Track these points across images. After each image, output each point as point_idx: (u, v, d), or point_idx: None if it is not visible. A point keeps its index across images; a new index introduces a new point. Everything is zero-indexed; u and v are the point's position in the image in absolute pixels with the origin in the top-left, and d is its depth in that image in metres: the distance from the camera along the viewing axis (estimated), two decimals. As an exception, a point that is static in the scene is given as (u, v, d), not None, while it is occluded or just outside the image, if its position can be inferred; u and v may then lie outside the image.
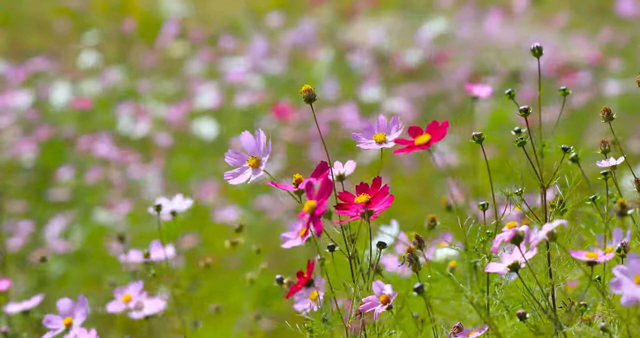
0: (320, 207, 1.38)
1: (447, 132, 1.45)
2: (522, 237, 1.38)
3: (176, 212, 1.90)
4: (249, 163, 1.50)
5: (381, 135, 1.51)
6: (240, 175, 1.51)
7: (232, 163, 1.51)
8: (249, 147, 1.50)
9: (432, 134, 1.45)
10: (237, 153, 1.51)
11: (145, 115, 5.73)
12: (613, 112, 1.58)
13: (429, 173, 4.82)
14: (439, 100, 5.83)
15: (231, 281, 3.44)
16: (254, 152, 1.50)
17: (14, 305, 1.97)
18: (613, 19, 6.64)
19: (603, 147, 1.58)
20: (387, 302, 1.48)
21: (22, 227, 4.57)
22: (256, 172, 1.50)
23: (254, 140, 1.50)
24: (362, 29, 7.15)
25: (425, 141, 1.45)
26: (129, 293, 1.82)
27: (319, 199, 1.39)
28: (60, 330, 1.69)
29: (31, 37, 7.32)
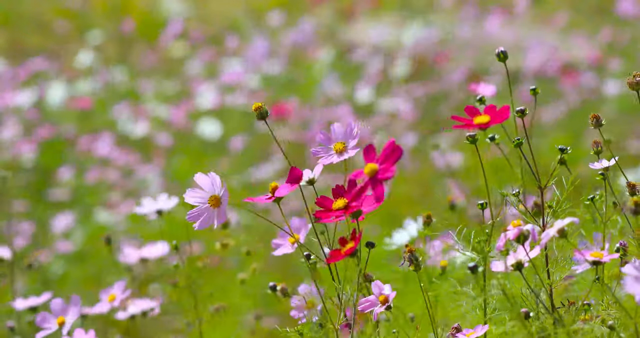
0: (385, 172, 1.32)
1: (509, 115, 1.43)
2: (527, 236, 1.37)
3: (162, 211, 1.91)
4: (209, 202, 1.46)
5: (340, 144, 1.48)
6: (205, 219, 1.46)
7: (194, 202, 1.46)
8: (206, 187, 1.46)
9: (492, 116, 1.43)
10: (196, 191, 1.46)
11: (145, 115, 5.73)
12: (602, 119, 1.58)
13: (429, 173, 4.82)
14: (440, 100, 5.83)
15: (230, 281, 3.44)
16: (212, 192, 1.46)
17: (22, 302, 1.98)
18: (613, 18, 6.64)
19: (595, 147, 1.58)
20: (386, 302, 1.47)
21: (22, 227, 4.58)
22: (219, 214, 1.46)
23: (209, 180, 1.46)
24: (362, 28, 7.15)
25: (485, 121, 1.43)
26: (114, 292, 1.83)
27: (383, 164, 1.33)
28: (53, 330, 1.70)
29: (31, 37, 7.32)
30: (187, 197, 1.46)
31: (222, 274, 3.76)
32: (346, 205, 1.40)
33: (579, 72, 5.86)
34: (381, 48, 6.65)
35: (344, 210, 1.39)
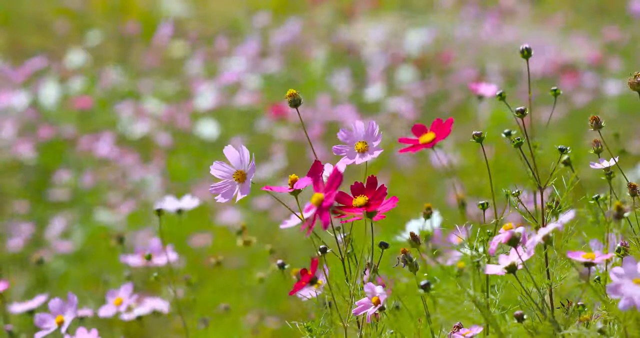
0: (327, 199, 1.36)
1: (451, 129, 1.44)
2: (519, 239, 1.38)
3: (182, 210, 1.91)
4: (234, 177, 1.47)
5: (362, 143, 1.49)
6: (227, 192, 1.47)
7: (219, 175, 1.48)
8: (234, 161, 1.48)
9: (436, 132, 1.44)
10: (222, 165, 1.48)
11: (145, 115, 5.73)
12: (602, 121, 1.58)
13: (429, 174, 4.82)
14: (440, 100, 5.83)
15: (233, 281, 3.44)
16: (238, 167, 1.47)
17: (18, 305, 1.97)
18: (614, 18, 6.64)
19: (595, 147, 1.58)
20: (379, 304, 1.47)
21: (22, 227, 4.58)
22: (243, 188, 1.47)
23: (238, 155, 1.47)
24: (362, 29, 7.16)
25: (429, 140, 1.44)
26: (121, 295, 1.82)
27: (327, 191, 1.37)
28: (52, 329, 1.70)
29: (31, 37, 7.32)
30: (213, 169, 1.48)
31: (225, 274, 3.76)
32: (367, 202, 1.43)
33: (579, 72, 5.86)
34: (383, 48, 6.65)
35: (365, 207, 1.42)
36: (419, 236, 1.49)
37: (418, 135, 1.45)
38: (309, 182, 1.45)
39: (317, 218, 1.37)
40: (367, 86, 5.97)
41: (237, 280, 3.38)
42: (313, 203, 1.38)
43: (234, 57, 6.48)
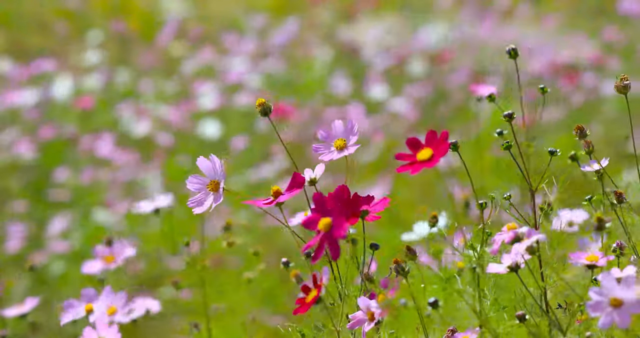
0: (339, 230, 1.27)
1: (449, 145, 1.37)
2: (522, 239, 1.38)
3: (159, 209, 1.91)
4: (208, 187, 1.49)
5: (341, 140, 1.48)
6: (202, 202, 1.48)
7: (195, 189, 1.50)
8: (207, 171, 1.50)
9: (433, 149, 1.37)
10: (197, 178, 1.50)
11: (146, 114, 5.73)
12: (586, 130, 1.57)
13: (430, 175, 4.82)
14: (440, 100, 5.83)
15: (232, 281, 3.44)
16: (212, 177, 1.49)
17: (11, 310, 1.96)
18: (613, 18, 6.64)
19: (587, 147, 1.57)
20: (374, 320, 1.43)
21: (21, 227, 4.57)
22: (217, 197, 1.48)
23: (210, 165, 1.50)
24: (363, 28, 7.15)
25: (427, 157, 1.37)
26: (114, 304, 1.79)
27: (338, 218, 1.29)
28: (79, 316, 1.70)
29: (31, 37, 7.32)
30: (188, 183, 1.50)
31: (224, 274, 3.76)
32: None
33: (578, 72, 5.85)
34: (384, 48, 6.65)
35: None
36: (414, 249, 1.47)
37: (414, 150, 1.38)
38: (291, 194, 1.43)
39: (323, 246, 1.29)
40: (368, 86, 5.96)
41: (236, 280, 3.38)
42: (321, 229, 1.31)
43: (235, 57, 6.48)
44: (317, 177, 1.50)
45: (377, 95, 5.85)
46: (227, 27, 7.19)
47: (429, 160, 1.36)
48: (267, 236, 4.30)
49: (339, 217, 1.29)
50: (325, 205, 1.31)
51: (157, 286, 3.44)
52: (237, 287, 2.15)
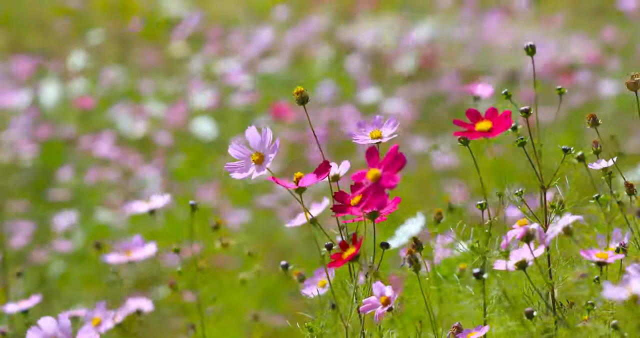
0: (389, 180, 1.29)
1: (511, 122, 1.39)
2: (533, 235, 1.37)
3: (155, 210, 1.90)
4: (252, 158, 1.47)
5: (377, 131, 1.49)
6: (243, 169, 1.47)
7: (236, 155, 1.47)
8: (254, 143, 1.47)
9: (494, 122, 1.39)
10: (241, 146, 1.48)
11: (144, 114, 5.73)
12: (599, 118, 1.58)
13: (429, 174, 4.82)
14: (437, 101, 5.83)
15: (232, 282, 3.44)
16: (258, 149, 1.48)
17: (13, 305, 1.96)
18: (613, 18, 6.64)
19: (595, 147, 1.58)
20: (388, 304, 1.46)
21: (22, 227, 4.58)
22: (259, 169, 1.46)
23: (260, 137, 1.47)
24: (362, 28, 7.16)
25: (487, 128, 1.39)
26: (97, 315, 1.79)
27: (386, 171, 1.30)
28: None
29: (31, 37, 7.32)
30: (231, 149, 1.47)
31: (224, 274, 3.76)
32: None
33: (578, 72, 5.86)
34: (381, 48, 6.65)
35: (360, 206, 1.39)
36: (420, 241, 1.49)
37: (473, 120, 1.40)
38: (315, 180, 1.43)
39: (370, 196, 1.30)
40: (369, 86, 5.96)
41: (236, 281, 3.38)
42: (369, 178, 1.31)
43: (235, 56, 6.48)
44: (341, 173, 1.51)
45: (370, 97, 5.85)
46: (228, 27, 7.19)
47: (489, 132, 1.38)
48: (267, 236, 4.31)
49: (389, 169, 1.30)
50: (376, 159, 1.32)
51: (157, 286, 3.44)
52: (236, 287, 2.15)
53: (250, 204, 4.67)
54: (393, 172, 1.31)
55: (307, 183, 1.45)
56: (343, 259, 1.40)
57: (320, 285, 1.56)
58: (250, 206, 4.65)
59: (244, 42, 6.75)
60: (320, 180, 1.45)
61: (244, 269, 2.09)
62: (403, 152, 1.36)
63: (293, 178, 1.47)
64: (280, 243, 4.21)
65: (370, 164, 1.33)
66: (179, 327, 3.38)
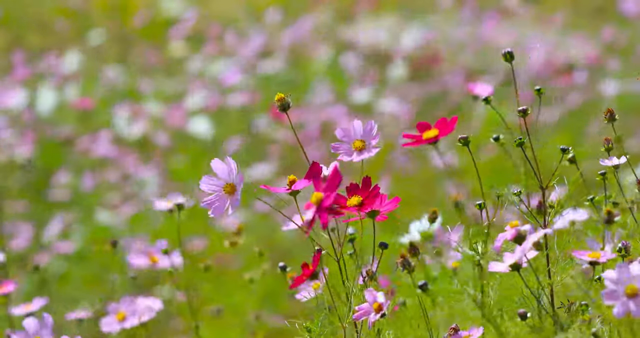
0: (327, 199, 1.36)
1: (454, 127, 1.45)
2: (525, 237, 1.38)
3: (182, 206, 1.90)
4: (224, 190, 1.47)
5: (360, 141, 1.50)
6: (219, 206, 1.46)
7: (209, 190, 1.47)
8: (222, 174, 1.47)
9: (440, 129, 1.46)
10: (211, 179, 1.47)
11: (143, 115, 5.73)
12: (616, 114, 1.58)
13: (429, 174, 4.83)
14: (436, 101, 5.83)
15: (233, 282, 3.45)
16: (227, 179, 1.46)
17: (19, 308, 1.97)
18: (613, 18, 6.65)
19: (606, 144, 1.58)
20: (380, 310, 1.46)
21: (22, 227, 4.58)
22: (233, 201, 1.46)
23: (225, 167, 1.46)
24: (362, 28, 7.16)
25: (433, 135, 1.46)
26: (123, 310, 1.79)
27: (327, 191, 1.37)
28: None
29: (32, 37, 7.32)
30: (202, 184, 1.47)
31: (226, 274, 3.77)
32: (360, 202, 1.44)
33: (578, 72, 5.86)
34: (379, 48, 6.65)
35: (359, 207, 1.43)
36: (417, 247, 1.49)
37: (422, 131, 1.47)
38: (308, 183, 1.45)
39: (316, 218, 1.37)
40: (362, 87, 5.97)
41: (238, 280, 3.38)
42: (312, 202, 1.37)
43: (233, 56, 6.48)
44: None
45: (362, 97, 5.85)
46: (228, 27, 7.19)
47: (433, 138, 1.46)
48: (267, 236, 4.31)
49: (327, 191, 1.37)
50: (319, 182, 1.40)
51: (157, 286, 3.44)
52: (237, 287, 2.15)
53: (250, 206, 4.67)
54: (332, 191, 1.37)
55: (300, 187, 1.46)
56: (302, 279, 1.47)
57: (315, 288, 1.56)
58: (249, 208, 4.65)
59: (243, 42, 6.75)
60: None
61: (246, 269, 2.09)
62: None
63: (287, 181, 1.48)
64: (279, 244, 4.21)
65: (315, 188, 1.39)
66: (180, 327, 3.38)
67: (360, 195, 1.46)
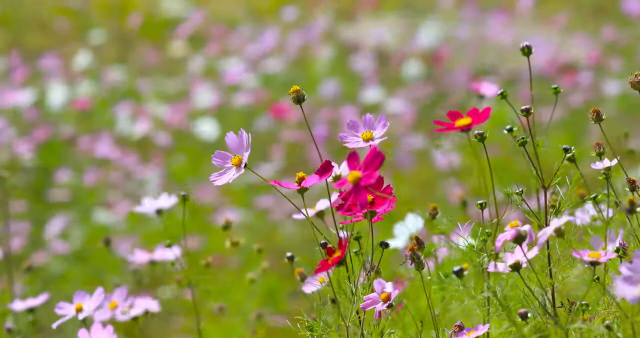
0: (367, 178, 1.34)
1: (489, 116, 1.45)
2: (525, 237, 1.38)
3: (162, 210, 1.91)
4: (232, 162, 1.50)
5: (368, 133, 1.51)
6: (224, 175, 1.51)
7: (218, 164, 1.51)
8: (233, 146, 1.51)
9: (473, 118, 1.45)
10: (222, 154, 1.51)
11: (145, 115, 5.73)
12: (602, 113, 1.58)
13: (429, 174, 4.82)
14: (439, 100, 5.83)
15: (232, 281, 3.44)
16: (237, 152, 1.50)
17: (20, 303, 1.98)
18: (614, 18, 6.65)
19: (597, 149, 1.58)
20: (388, 300, 1.47)
21: (21, 227, 4.57)
22: (239, 170, 1.50)
23: (238, 139, 1.50)
24: (363, 28, 7.15)
25: (466, 123, 1.45)
26: (115, 299, 1.82)
27: (366, 170, 1.35)
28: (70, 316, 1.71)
29: (32, 37, 7.32)
30: (213, 159, 1.52)
31: (225, 273, 3.76)
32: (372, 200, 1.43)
33: (579, 72, 5.86)
34: (383, 48, 6.65)
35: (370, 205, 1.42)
36: (422, 240, 1.49)
37: (453, 119, 1.46)
38: (317, 180, 1.45)
39: (352, 198, 1.34)
40: (364, 87, 5.96)
41: (237, 279, 3.38)
42: (349, 181, 1.35)
43: (235, 56, 6.48)
44: (343, 173, 1.52)
45: (372, 97, 5.85)
46: (228, 27, 7.19)
47: (466, 126, 1.45)
48: (268, 235, 4.30)
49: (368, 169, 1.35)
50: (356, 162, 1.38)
51: (157, 285, 3.44)
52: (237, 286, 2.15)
53: (249, 204, 4.67)
54: (372, 171, 1.35)
55: (309, 184, 1.47)
56: (329, 264, 1.44)
57: (320, 282, 1.56)
58: (249, 206, 4.65)
59: (244, 42, 6.75)
60: (322, 180, 1.46)
61: (246, 268, 2.09)
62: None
63: (295, 178, 1.48)
64: (279, 243, 4.21)
65: (350, 167, 1.37)
66: (181, 326, 3.38)
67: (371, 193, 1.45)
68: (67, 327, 2.00)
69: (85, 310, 1.71)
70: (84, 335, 1.63)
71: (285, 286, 3.55)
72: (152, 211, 1.93)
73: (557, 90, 1.60)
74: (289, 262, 1.66)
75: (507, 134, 1.53)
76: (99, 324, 1.64)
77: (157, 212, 1.93)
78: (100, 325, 1.63)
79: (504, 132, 1.53)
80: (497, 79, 5.74)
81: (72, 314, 1.72)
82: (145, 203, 1.94)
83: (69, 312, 1.72)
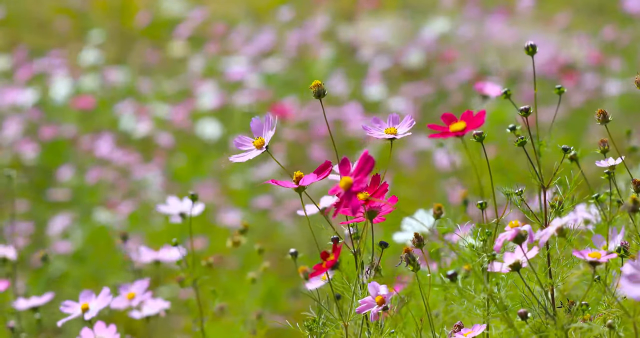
0: (357, 184, 1.35)
1: (483, 121, 1.44)
2: (525, 237, 1.38)
3: (185, 214, 1.90)
4: (253, 143, 1.52)
5: (392, 128, 1.52)
6: (244, 155, 1.53)
7: (238, 147, 1.54)
8: (257, 130, 1.53)
9: (467, 122, 1.44)
10: (243, 138, 1.53)
11: (146, 114, 5.73)
12: (609, 114, 1.58)
13: (429, 173, 4.83)
14: (440, 100, 5.83)
15: (232, 281, 3.45)
16: (259, 134, 1.53)
17: (23, 302, 1.98)
18: (614, 18, 6.64)
19: (602, 146, 1.58)
20: (383, 303, 1.47)
21: (23, 227, 4.58)
22: (260, 150, 1.52)
23: (263, 124, 1.52)
24: (364, 28, 7.16)
25: (460, 128, 1.44)
26: (134, 290, 1.83)
27: (357, 176, 1.36)
28: (76, 315, 1.71)
29: (32, 37, 7.32)
30: (234, 142, 1.54)
31: (225, 273, 3.76)
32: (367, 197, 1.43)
33: (579, 72, 5.86)
34: (384, 47, 6.65)
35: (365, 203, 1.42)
36: (422, 237, 1.50)
37: (447, 123, 1.45)
38: (315, 179, 1.45)
39: (344, 203, 1.35)
40: (366, 86, 5.97)
41: (237, 279, 3.38)
42: (341, 187, 1.36)
43: (236, 56, 6.48)
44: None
45: (375, 95, 5.85)
46: (228, 27, 7.19)
47: (461, 131, 1.43)
48: (267, 235, 4.31)
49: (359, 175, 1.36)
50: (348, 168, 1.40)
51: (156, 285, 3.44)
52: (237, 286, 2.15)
53: (248, 204, 4.67)
54: (364, 176, 1.37)
55: (307, 183, 1.47)
56: (323, 268, 1.44)
57: (323, 279, 1.57)
58: (248, 206, 4.65)
59: (244, 42, 6.75)
60: (320, 179, 1.46)
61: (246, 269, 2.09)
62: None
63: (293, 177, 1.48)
64: (278, 243, 4.21)
65: (342, 173, 1.39)
66: (181, 326, 3.38)
67: (367, 192, 1.45)
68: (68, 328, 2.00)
69: (92, 310, 1.71)
70: (87, 333, 1.63)
71: (285, 286, 3.55)
72: (175, 212, 1.91)
73: (560, 90, 1.60)
74: (292, 258, 1.66)
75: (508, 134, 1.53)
76: (102, 323, 1.64)
77: (181, 215, 1.91)
78: (103, 323, 1.64)
79: (507, 131, 1.52)
80: (498, 78, 5.75)
81: (78, 313, 1.71)
82: (170, 203, 1.92)
83: (75, 311, 1.72)
